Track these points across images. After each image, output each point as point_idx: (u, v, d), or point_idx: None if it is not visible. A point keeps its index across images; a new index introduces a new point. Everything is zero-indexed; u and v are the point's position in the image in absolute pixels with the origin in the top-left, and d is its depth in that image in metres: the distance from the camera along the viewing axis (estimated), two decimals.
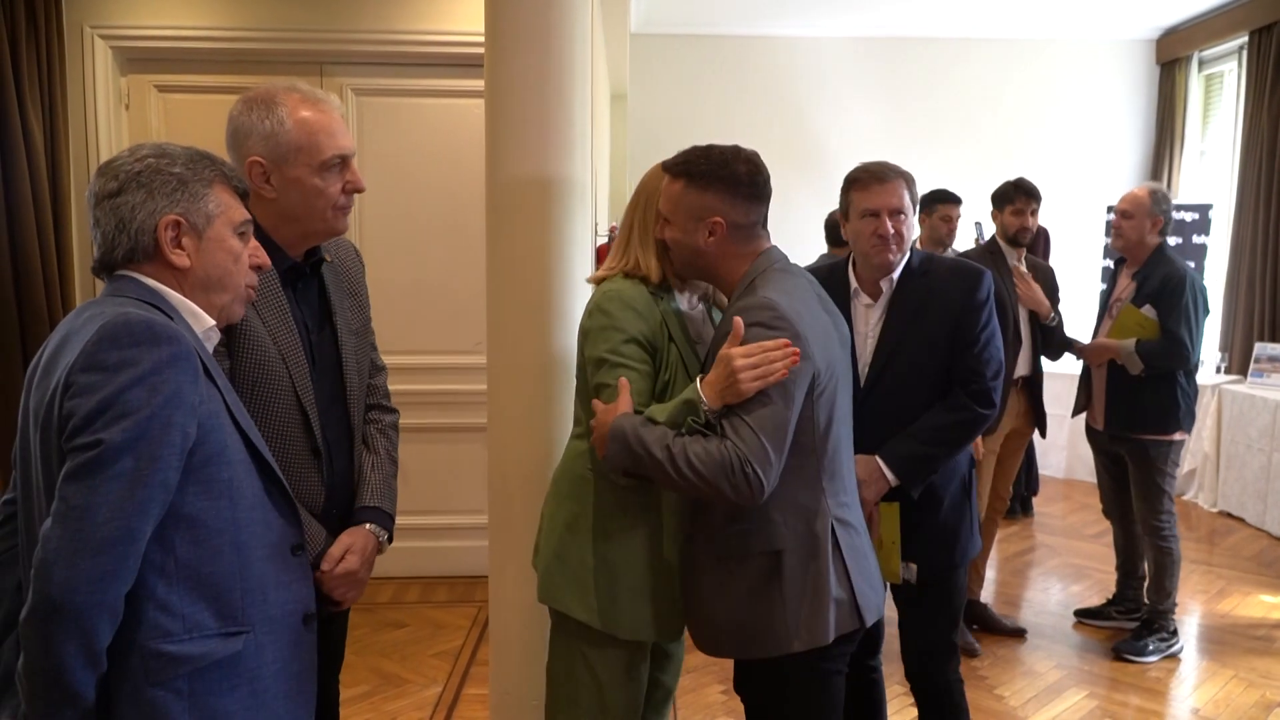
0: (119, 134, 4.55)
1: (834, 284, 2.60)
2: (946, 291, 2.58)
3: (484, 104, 2.59)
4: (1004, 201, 4.30)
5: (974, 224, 6.56)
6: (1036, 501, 6.33)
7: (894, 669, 3.80)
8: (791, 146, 7.76)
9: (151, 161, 1.57)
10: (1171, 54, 7.94)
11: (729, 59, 8.00)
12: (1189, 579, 4.84)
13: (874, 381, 2.59)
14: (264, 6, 4.48)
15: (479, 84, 2.85)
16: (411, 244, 4.63)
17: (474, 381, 4.17)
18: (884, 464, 2.51)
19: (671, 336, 2.06)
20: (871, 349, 2.62)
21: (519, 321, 2.55)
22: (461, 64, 4.46)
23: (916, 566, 2.57)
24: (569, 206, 2.54)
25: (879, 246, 2.55)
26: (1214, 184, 7.61)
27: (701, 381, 1.87)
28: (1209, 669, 3.99)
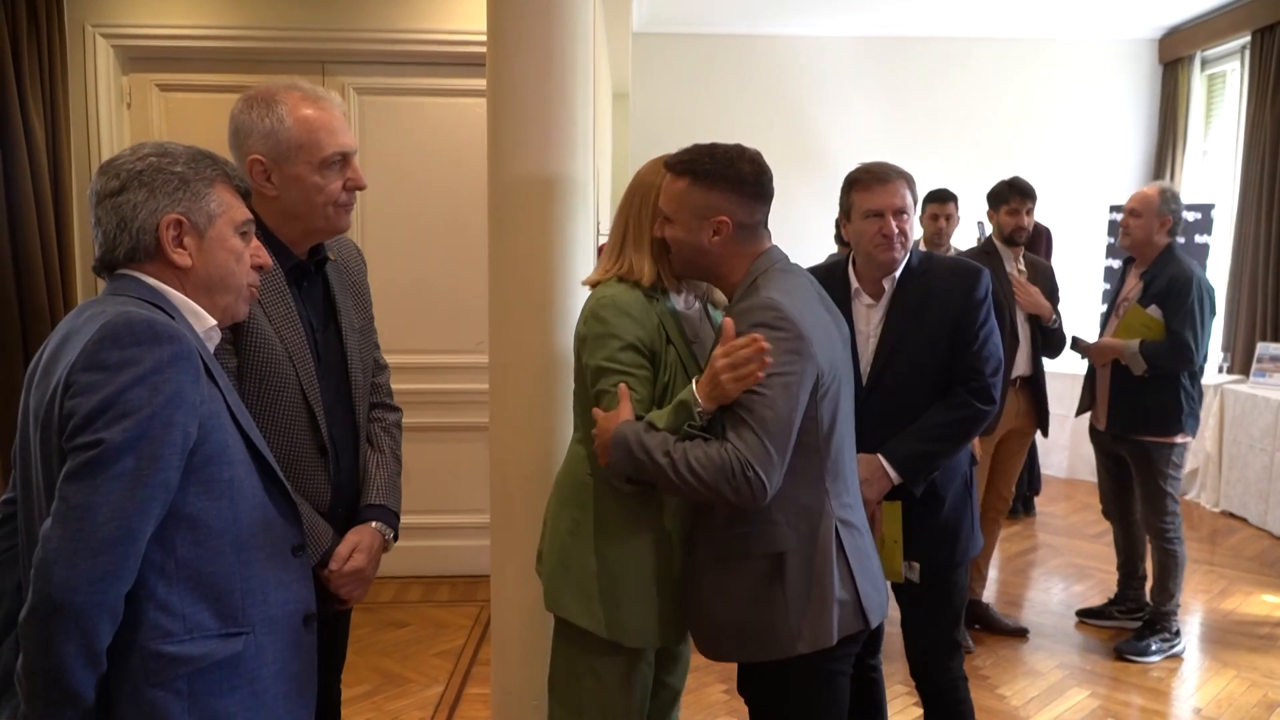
0: (120, 133, 4.55)
1: (834, 283, 2.60)
2: (946, 290, 2.60)
3: (486, 103, 2.59)
4: (999, 201, 4.29)
5: (976, 224, 6.55)
6: (1038, 501, 6.32)
7: (895, 669, 3.81)
8: (792, 146, 7.75)
9: (153, 160, 1.56)
10: (1174, 53, 7.93)
11: (731, 58, 7.99)
12: (1191, 579, 4.83)
13: (875, 381, 2.60)
14: (265, 5, 4.48)
15: (481, 83, 2.85)
16: (413, 243, 4.63)
17: (475, 381, 4.17)
18: (886, 462, 2.52)
19: (669, 339, 2.05)
20: (873, 348, 2.63)
21: (521, 321, 2.55)
22: (463, 63, 4.46)
23: (919, 565, 2.57)
24: (571, 205, 2.54)
25: (884, 246, 2.57)
26: (1216, 184, 7.60)
27: (695, 383, 1.86)
28: (1211, 669, 3.99)
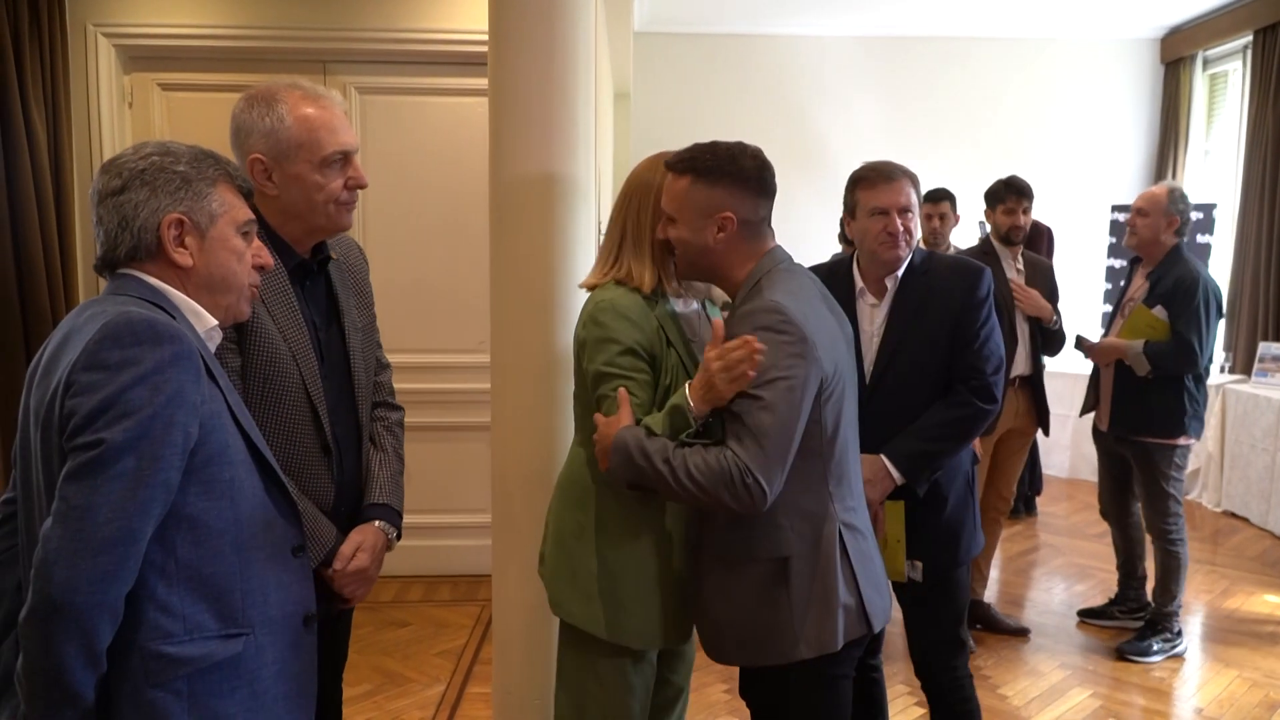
0: (122, 132, 4.55)
1: (837, 282, 2.60)
2: (947, 289, 2.60)
3: (487, 102, 2.59)
4: (995, 200, 4.28)
5: (979, 224, 6.55)
6: (1040, 501, 6.31)
7: (896, 669, 3.82)
8: (794, 145, 7.74)
9: (156, 160, 1.56)
10: (1176, 53, 7.92)
11: (732, 58, 7.99)
12: (1193, 579, 4.82)
13: (878, 380, 2.61)
14: (267, 5, 4.48)
15: (482, 82, 2.85)
16: (414, 242, 4.63)
17: (477, 380, 4.17)
18: (889, 462, 2.52)
19: (670, 341, 2.04)
20: (876, 348, 2.64)
21: (522, 320, 2.55)
22: (465, 62, 4.46)
23: (922, 564, 2.57)
24: (572, 205, 2.54)
25: (889, 243, 2.58)
26: (1218, 183, 7.59)
27: (689, 386, 1.85)
28: (1213, 669, 3.98)
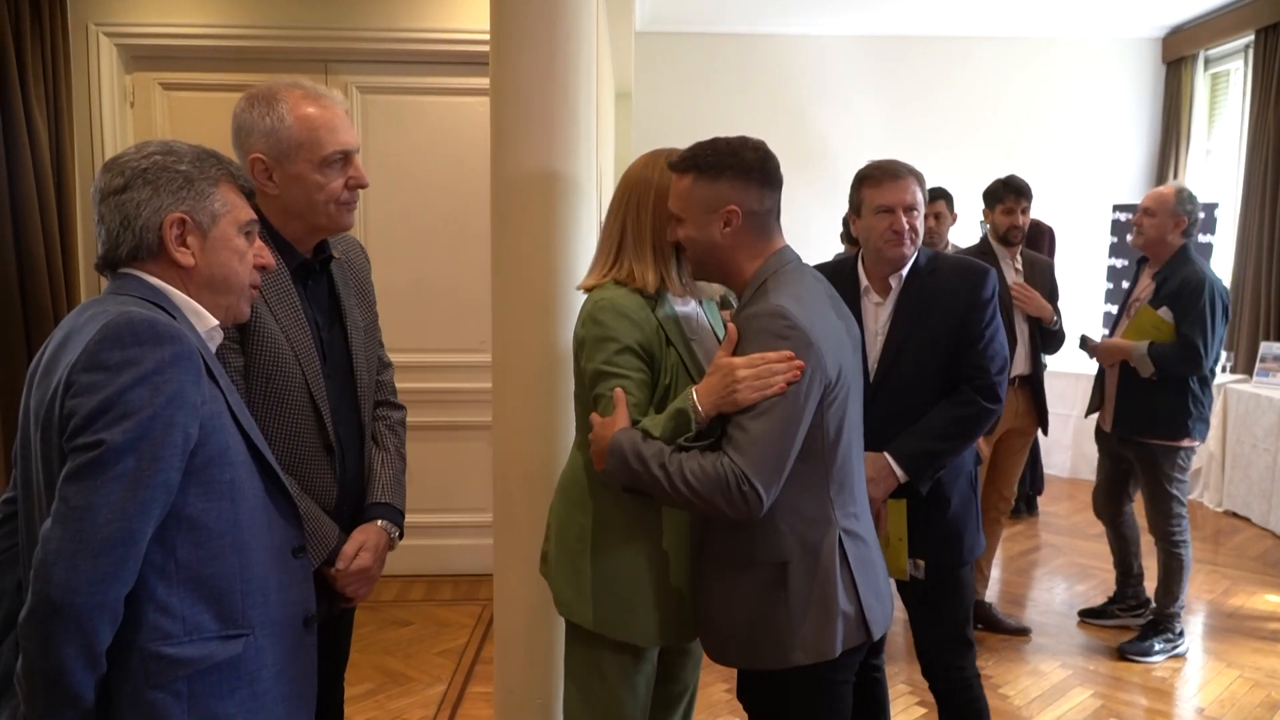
0: (124, 132, 4.55)
1: (842, 281, 2.60)
2: (951, 289, 2.61)
3: (489, 102, 2.59)
4: (994, 200, 4.27)
5: (980, 223, 6.55)
6: (1041, 501, 6.31)
7: (897, 669, 3.82)
8: (795, 145, 7.72)
9: (158, 159, 1.56)
10: (1177, 52, 7.91)
11: (733, 57, 7.99)
12: (1194, 579, 4.82)
13: (881, 379, 2.61)
14: (269, 4, 4.48)
15: (484, 82, 2.85)
16: (416, 241, 4.63)
17: (478, 380, 4.17)
18: (892, 460, 2.53)
19: (670, 340, 2.03)
20: (880, 346, 2.64)
21: (523, 319, 2.55)
22: (466, 62, 4.46)
23: (924, 563, 2.57)
24: (573, 204, 2.54)
25: (894, 241, 2.59)
26: (1220, 183, 7.58)
27: (695, 390, 1.83)
28: (1214, 669, 3.98)
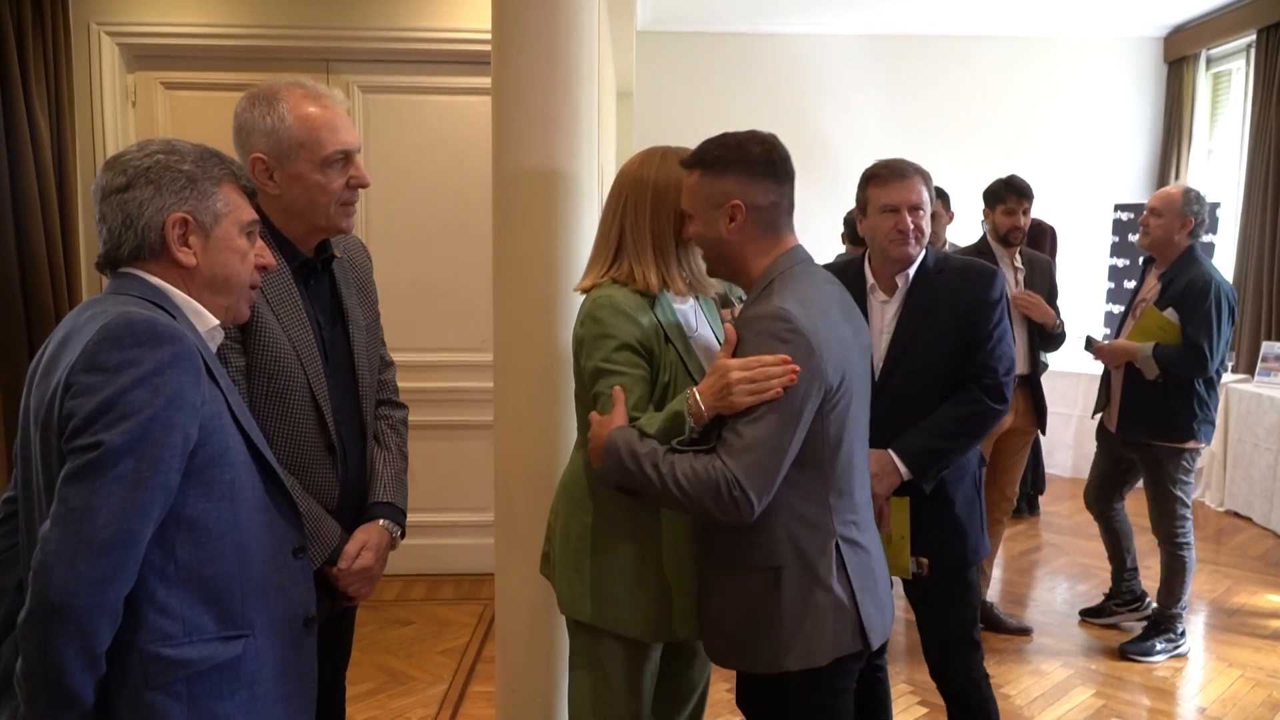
0: (125, 131, 4.55)
1: (849, 280, 2.60)
2: (958, 290, 2.62)
3: (490, 101, 2.59)
4: (995, 200, 4.25)
5: (981, 223, 6.54)
6: (1043, 500, 6.31)
7: (898, 669, 3.82)
8: (796, 144, 7.51)
9: (161, 158, 1.55)
10: (1179, 52, 7.91)
11: (734, 57, 7.98)
12: (1195, 578, 4.79)
13: (885, 378, 2.61)
14: (270, 4, 4.48)
15: (485, 81, 2.85)
16: (417, 240, 4.63)
17: (480, 379, 4.17)
18: (896, 457, 2.53)
19: (669, 338, 2.03)
20: (885, 345, 2.65)
21: (525, 319, 2.55)
22: (468, 61, 4.46)
23: (927, 561, 2.57)
24: (575, 204, 2.54)
25: (898, 241, 2.61)
26: (1221, 183, 7.58)
27: (695, 390, 1.81)
28: (1216, 668, 3.98)
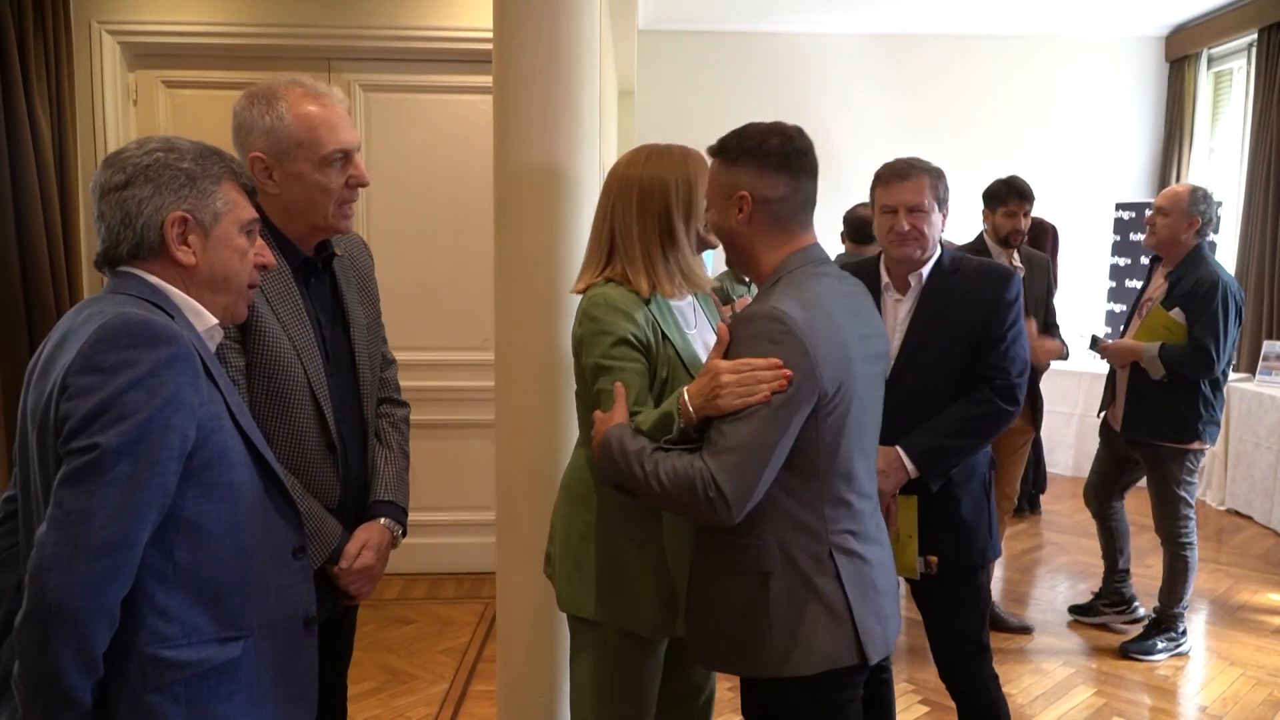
0: (127, 130, 4.55)
1: (865, 278, 2.59)
2: (973, 291, 2.62)
3: (492, 100, 2.59)
4: (996, 202, 4.23)
5: (982, 223, 6.53)
6: (1044, 499, 6.31)
7: (899, 668, 3.82)
8: None
9: (160, 156, 1.54)
10: (1180, 51, 7.90)
11: (736, 55, 7.97)
12: (1196, 577, 4.80)
13: (896, 377, 2.56)
14: (272, 2, 4.48)
15: (487, 80, 2.85)
16: (419, 239, 4.63)
17: (481, 378, 4.17)
18: (904, 454, 2.52)
19: (665, 334, 2.03)
20: (897, 345, 2.65)
21: (526, 318, 2.55)
22: (470, 60, 4.45)
23: (935, 560, 2.56)
24: (577, 202, 2.54)
25: (895, 242, 2.65)
26: (1223, 182, 7.57)
27: (686, 390, 1.80)
28: (1217, 667, 3.98)
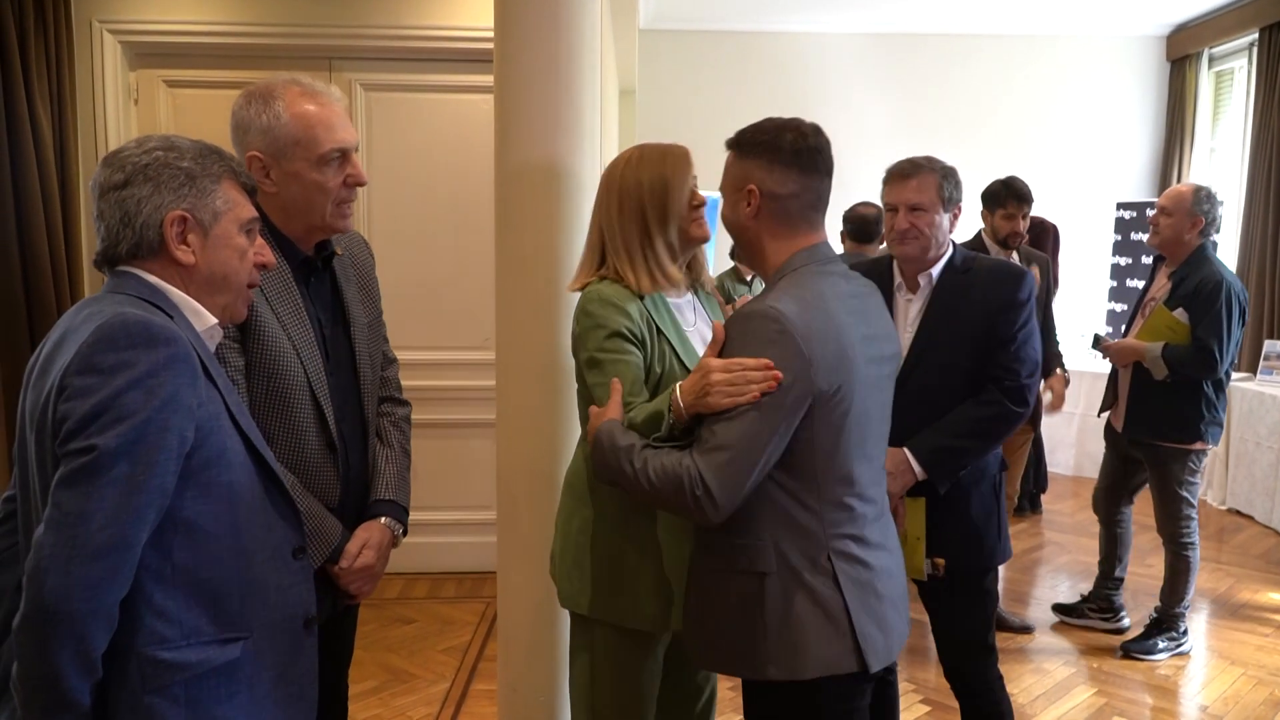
0: (128, 129, 4.55)
1: (878, 278, 2.60)
2: (984, 290, 2.59)
3: (493, 99, 2.59)
4: (995, 203, 4.20)
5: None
6: (1045, 499, 6.30)
7: (900, 667, 3.81)
8: None
9: (160, 155, 1.53)
10: (1181, 50, 7.90)
11: (737, 54, 7.97)
12: (1197, 576, 4.81)
13: (906, 376, 2.54)
14: (273, 1, 4.48)
15: (488, 79, 2.85)
16: (420, 238, 4.62)
17: (482, 377, 4.17)
18: (911, 455, 2.50)
19: (660, 329, 2.04)
20: (907, 344, 2.62)
21: (527, 317, 2.55)
22: (471, 59, 4.45)
23: (943, 562, 2.55)
24: (577, 202, 2.54)
25: (894, 240, 2.66)
26: (1224, 181, 7.56)
27: (679, 387, 1.79)
28: (1218, 666, 3.98)
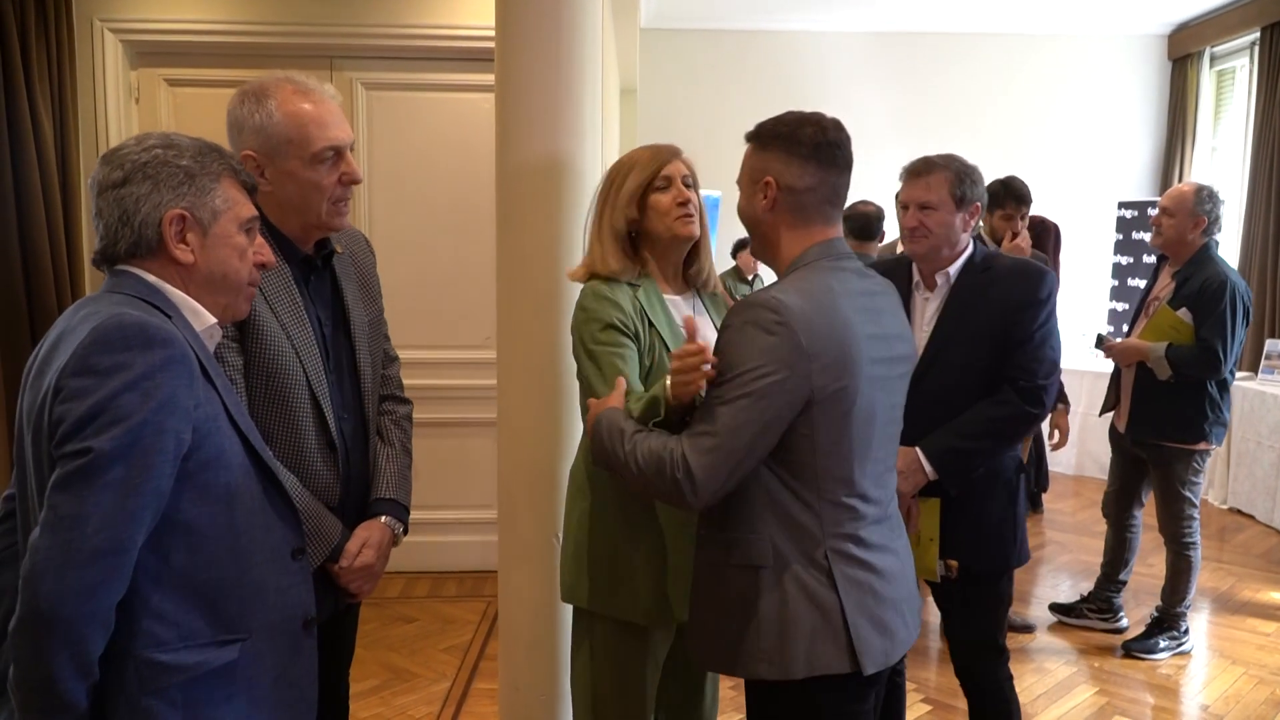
0: (129, 128, 4.54)
1: (898, 276, 2.61)
2: (1003, 289, 2.56)
3: (494, 98, 2.59)
4: (993, 204, 4.17)
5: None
6: (1046, 498, 6.30)
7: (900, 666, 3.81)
8: None
9: (159, 153, 1.52)
10: (1183, 49, 7.90)
11: (737, 53, 7.98)
12: (1199, 576, 4.81)
13: (921, 375, 2.51)
14: (274, 0, 4.48)
15: (489, 78, 2.85)
16: (421, 237, 4.61)
17: (483, 376, 4.17)
18: (923, 455, 2.48)
19: (652, 321, 2.05)
20: (924, 342, 2.60)
21: (528, 316, 2.55)
22: (472, 58, 4.45)
23: (956, 564, 2.53)
24: (578, 201, 2.54)
25: (904, 238, 2.68)
26: (1225, 180, 7.55)
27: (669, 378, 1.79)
28: (1219, 666, 3.98)
